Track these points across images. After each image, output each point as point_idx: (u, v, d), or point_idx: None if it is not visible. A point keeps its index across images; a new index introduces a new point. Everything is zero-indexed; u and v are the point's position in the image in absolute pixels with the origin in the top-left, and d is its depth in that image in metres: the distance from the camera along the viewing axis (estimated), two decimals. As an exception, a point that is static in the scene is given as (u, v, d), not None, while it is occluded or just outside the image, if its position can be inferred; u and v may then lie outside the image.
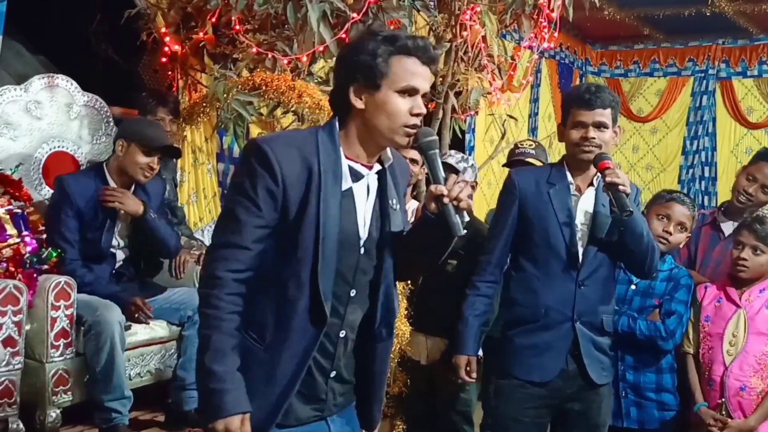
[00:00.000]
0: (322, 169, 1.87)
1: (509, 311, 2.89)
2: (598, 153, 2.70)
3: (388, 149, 2.00)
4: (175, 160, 4.48)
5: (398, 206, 2.03)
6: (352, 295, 1.96)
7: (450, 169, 3.69)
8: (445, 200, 1.87)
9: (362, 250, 1.96)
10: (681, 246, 3.34)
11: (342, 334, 1.96)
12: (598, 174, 2.73)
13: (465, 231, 1.89)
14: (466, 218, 1.90)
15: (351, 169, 1.94)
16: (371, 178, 1.98)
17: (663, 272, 3.21)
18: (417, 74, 1.90)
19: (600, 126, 2.71)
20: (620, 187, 2.59)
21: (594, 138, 2.70)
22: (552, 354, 2.77)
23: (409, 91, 1.89)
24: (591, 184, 2.81)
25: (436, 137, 1.95)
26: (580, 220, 2.78)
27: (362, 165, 1.96)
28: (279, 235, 1.88)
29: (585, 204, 2.78)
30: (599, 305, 2.80)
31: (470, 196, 1.94)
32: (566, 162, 2.84)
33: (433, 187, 1.90)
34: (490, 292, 2.93)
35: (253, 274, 1.88)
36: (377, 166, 1.99)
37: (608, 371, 2.86)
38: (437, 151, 1.94)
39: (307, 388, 1.94)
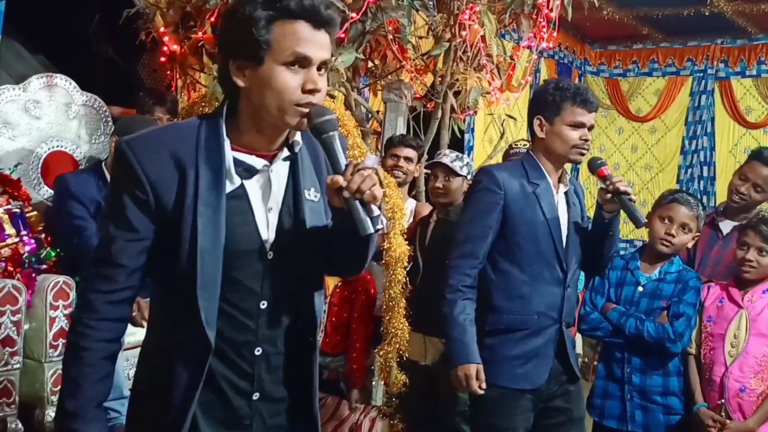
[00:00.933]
0: (199, 167, 1.59)
1: (492, 319, 2.74)
2: (592, 158, 2.71)
3: (298, 132, 1.70)
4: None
5: (318, 196, 1.73)
6: (262, 307, 1.68)
7: (444, 168, 3.67)
8: (345, 194, 1.56)
9: (270, 255, 1.68)
10: (689, 246, 3.33)
11: (258, 351, 1.69)
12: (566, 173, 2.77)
13: (376, 229, 1.59)
14: (376, 213, 1.58)
15: (240, 163, 1.64)
16: (277, 169, 1.69)
17: (671, 274, 3.19)
18: (307, 41, 1.58)
19: (591, 129, 2.70)
20: (631, 196, 2.64)
21: (589, 140, 2.70)
22: (540, 359, 2.73)
23: (300, 62, 1.58)
24: (561, 181, 2.77)
25: (334, 116, 1.62)
26: (564, 221, 2.74)
27: (257, 156, 1.66)
28: (157, 248, 1.63)
29: (562, 204, 2.75)
30: (576, 303, 2.87)
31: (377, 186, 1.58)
32: (541, 159, 2.74)
33: (329, 179, 1.60)
34: (474, 297, 2.73)
35: (133, 294, 1.65)
36: (284, 153, 1.70)
37: (576, 364, 2.89)
38: (335, 133, 1.61)
39: (224, 413, 1.69)
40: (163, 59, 4.71)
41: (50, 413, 3.28)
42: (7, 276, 3.24)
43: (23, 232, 3.42)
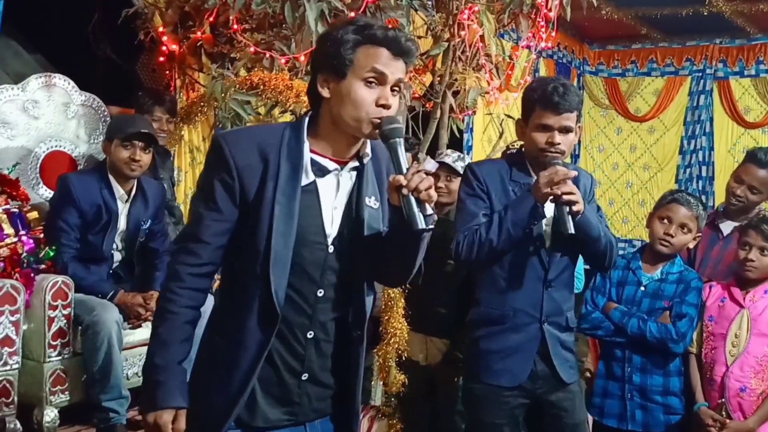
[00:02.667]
0: (281, 162, 1.82)
1: (475, 311, 2.79)
2: (552, 160, 2.58)
3: (368, 143, 1.92)
4: (171, 159, 4.47)
5: (378, 204, 1.94)
6: (319, 294, 1.90)
7: (446, 168, 3.69)
8: (404, 191, 1.77)
9: (330, 248, 1.89)
10: (690, 246, 3.32)
11: (310, 334, 1.90)
12: None
13: (429, 226, 1.79)
14: (429, 211, 1.79)
15: (315, 163, 1.87)
16: (345, 174, 1.91)
17: (673, 274, 3.19)
18: (386, 63, 1.82)
19: (566, 130, 2.61)
20: (575, 207, 2.49)
21: (559, 143, 2.60)
22: (520, 357, 2.71)
23: (377, 80, 1.82)
24: None
25: (400, 125, 1.84)
26: (546, 221, 2.68)
27: (331, 160, 1.88)
28: (238, 229, 1.85)
29: (548, 204, 2.66)
30: (564, 303, 2.77)
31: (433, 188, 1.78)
32: (528, 160, 2.73)
33: (392, 177, 1.81)
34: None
35: (214, 269, 1.87)
36: (354, 162, 1.92)
37: (575, 368, 2.83)
38: (400, 139, 1.83)
39: (278, 389, 1.90)
40: (161, 59, 4.71)
41: (49, 413, 3.28)
42: (6, 276, 3.23)
43: (22, 232, 3.42)
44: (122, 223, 3.66)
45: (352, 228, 1.91)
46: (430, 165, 3.55)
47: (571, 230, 2.51)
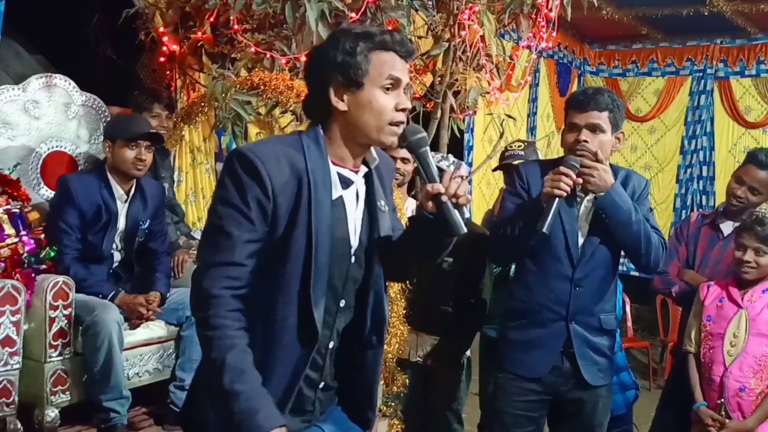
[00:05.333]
0: (312, 178, 1.80)
1: (508, 302, 2.91)
2: (569, 159, 2.63)
3: (372, 149, 1.92)
4: (171, 158, 4.47)
5: (386, 207, 1.97)
6: (341, 305, 1.90)
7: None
8: (444, 198, 1.78)
9: (353, 259, 1.89)
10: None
11: (331, 345, 1.91)
12: None
13: (464, 229, 1.81)
14: (467, 215, 1.83)
15: (340, 176, 1.87)
16: (359, 183, 1.92)
17: None
18: (399, 69, 1.84)
19: (594, 129, 2.65)
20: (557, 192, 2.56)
21: (586, 141, 2.64)
22: (542, 351, 2.76)
23: (393, 85, 1.83)
24: None
25: (425, 134, 1.88)
26: (582, 220, 2.74)
27: (350, 170, 1.89)
28: (267, 249, 1.80)
29: (587, 204, 2.75)
30: (596, 305, 2.78)
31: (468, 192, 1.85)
32: None
33: (429, 186, 1.81)
34: None
35: (248, 291, 1.79)
36: (363, 169, 1.93)
37: (605, 373, 2.84)
38: (427, 148, 1.87)
39: (297, 402, 1.88)
40: (162, 59, 4.72)
41: (50, 413, 3.28)
42: (7, 276, 3.23)
43: (22, 233, 3.42)
44: (121, 223, 3.67)
45: (369, 236, 1.92)
46: (464, 170, 3.59)
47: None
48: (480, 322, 3.54)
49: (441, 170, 3.56)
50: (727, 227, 3.61)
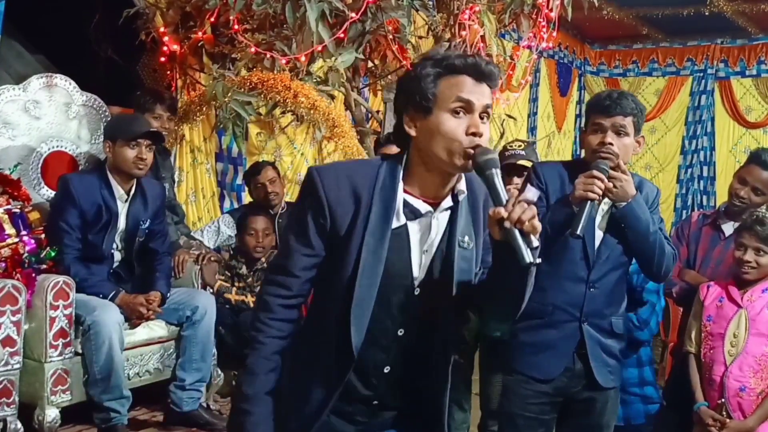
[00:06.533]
0: (373, 202, 1.78)
1: None
2: (599, 163, 2.61)
3: (463, 179, 1.85)
4: (172, 158, 4.47)
5: (472, 243, 1.88)
6: (399, 334, 1.86)
7: None
8: (506, 224, 1.66)
9: (416, 291, 1.85)
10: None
11: (386, 369, 1.89)
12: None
13: (536, 260, 1.67)
14: (535, 243, 1.67)
15: (408, 204, 1.82)
16: (439, 216, 1.84)
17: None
18: (470, 90, 1.76)
19: (619, 132, 2.64)
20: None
21: (611, 143, 2.63)
22: (555, 352, 2.74)
23: (464, 108, 1.76)
24: None
25: (495, 155, 1.75)
26: (598, 223, 2.73)
27: (425, 201, 1.82)
28: (323, 265, 1.84)
29: (604, 207, 2.72)
30: (608, 307, 2.77)
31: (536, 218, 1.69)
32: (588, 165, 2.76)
33: (491, 211, 1.70)
34: None
35: (303, 300, 1.86)
36: (448, 202, 1.85)
37: (616, 375, 2.83)
38: (497, 170, 1.73)
39: (350, 410, 1.91)
40: (162, 59, 4.72)
41: (50, 413, 3.28)
42: (7, 276, 3.23)
43: (23, 232, 3.42)
44: (122, 223, 3.67)
45: (441, 270, 1.86)
46: (531, 194, 3.50)
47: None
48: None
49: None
50: (728, 227, 3.61)
